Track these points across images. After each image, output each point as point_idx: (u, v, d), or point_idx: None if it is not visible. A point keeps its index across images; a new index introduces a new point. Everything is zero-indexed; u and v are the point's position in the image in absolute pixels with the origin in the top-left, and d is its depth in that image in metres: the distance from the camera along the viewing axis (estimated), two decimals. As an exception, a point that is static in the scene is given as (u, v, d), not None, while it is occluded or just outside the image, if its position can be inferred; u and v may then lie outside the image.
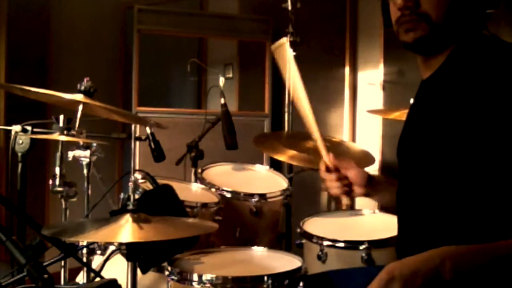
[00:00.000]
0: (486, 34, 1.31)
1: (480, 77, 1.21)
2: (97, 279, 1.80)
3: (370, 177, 1.59)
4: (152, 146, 2.26)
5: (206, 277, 1.66)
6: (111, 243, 1.94)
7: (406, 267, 1.13)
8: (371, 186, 1.59)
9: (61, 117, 2.01)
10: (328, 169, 1.59)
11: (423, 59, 1.37)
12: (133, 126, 2.19)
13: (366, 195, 1.61)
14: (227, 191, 2.40)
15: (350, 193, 1.59)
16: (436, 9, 1.26)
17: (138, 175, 1.91)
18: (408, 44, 1.31)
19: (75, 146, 2.07)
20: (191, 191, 2.43)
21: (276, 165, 3.04)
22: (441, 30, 1.28)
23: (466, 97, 1.21)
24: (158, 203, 1.82)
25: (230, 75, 4.41)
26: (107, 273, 1.82)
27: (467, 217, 1.20)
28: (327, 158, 1.60)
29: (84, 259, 2.00)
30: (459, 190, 1.21)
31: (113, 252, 1.84)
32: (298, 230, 2.21)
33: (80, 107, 1.90)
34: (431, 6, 1.27)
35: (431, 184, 1.28)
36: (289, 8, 2.90)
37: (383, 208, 2.24)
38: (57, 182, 2.06)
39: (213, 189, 2.41)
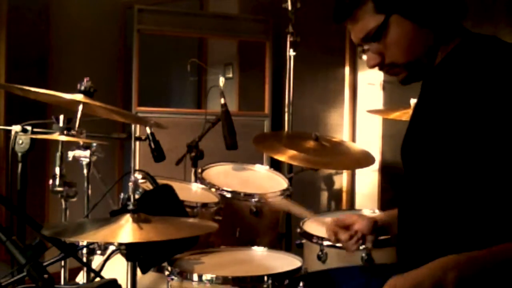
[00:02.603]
0: (485, 34, 1.31)
1: (477, 76, 1.20)
2: (97, 279, 1.80)
3: (375, 223, 1.59)
4: (152, 146, 2.26)
5: (206, 277, 1.66)
6: (111, 243, 1.94)
7: (408, 283, 1.13)
8: (380, 229, 1.60)
9: (61, 117, 2.01)
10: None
11: None
12: (133, 126, 2.19)
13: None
14: (227, 191, 2.40)
15: (364, 243, 1.60)
16: (398, 54, 1.28)
17: (138, 175, 1.91)
18: (401, 83, 1.35)
19: (75, 146, 2.07)
20: (191, 191, 2.43)
21: (276, 165, 3.04)
22: (417, 65, 1.30)
23: (464, 96, 1.21)
24: (158, 203, 1.82)
25: (230, 75, 4.41)
26: (107, 273, 1.81)
27: (468, 216, 1.20)
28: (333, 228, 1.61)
29: (84, 259, 2.00)
30: (458, 189, 1.21)
31: (113, 252, 1.84)
32: (298, 230, 2.21)
33: (80, 107, 1.90)
34: (392, 55, 1.29)
35: (431, 183, 1.27)
36: (289, 8, 2.90)
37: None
38: (57, 182, 2.06)
39: (213, 189, 2.41)
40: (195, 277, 1.68)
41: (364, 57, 1.32)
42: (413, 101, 2.31)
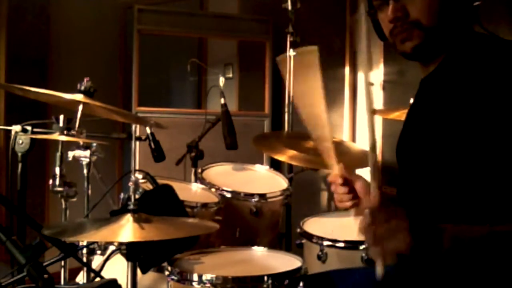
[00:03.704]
0: (483, 32, 1.31)
1: (477, 74, 1.21)
2: (97, 279, 1.80)
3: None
4: (152, 146, 2.26)
5: (206, 277, 1.66)
6: (111, 243, 1.94)
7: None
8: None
9: (61, 117, 2.01)
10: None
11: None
12: (133, 126, 2.19)
13: None
14: (227, 191, 2.40)
15: (358, 205, 1.50)
16: (425, 14, 1.27)
17: (138, 175, 1.91)
18: (407, 54, 1.32)
19: (75, 146, 2.07)
20: (191, 191, 2.43)
21: (276, 165, 3.04)
22: (435, 34, 1.28)
23: (463, 95, 1.21)
24: (158, 203, 1.82)
25: (230, 75, 4.41)
26: (107, 273, 1.82)
27: (466, 217, 1.20)
28: (338, 170, 1.53)
29: (84, 259, 2.00)
30: (457, 187, 1.21)
31: (113, 252, 1.84)
32: (298, 230, 2.21)
33: (80, 107, 1.90)
34: (420, 12, 1.27)
35: (429, 182, 1.27)
36: (289, 8, 2.90)
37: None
38: (57, 182, 2.06)
39: (213, 189, 2.41)
40: (195, 277, 1.68)
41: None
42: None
